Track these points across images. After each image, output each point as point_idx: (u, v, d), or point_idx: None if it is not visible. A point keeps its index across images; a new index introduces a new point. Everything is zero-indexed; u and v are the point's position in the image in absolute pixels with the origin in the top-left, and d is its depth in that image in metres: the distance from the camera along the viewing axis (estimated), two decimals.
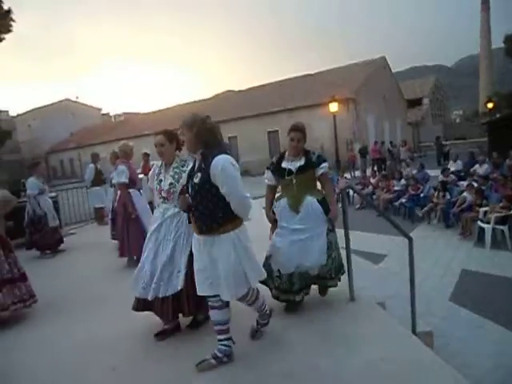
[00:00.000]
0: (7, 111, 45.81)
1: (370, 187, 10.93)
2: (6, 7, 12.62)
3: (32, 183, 5.77)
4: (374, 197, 10.67)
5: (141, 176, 10.88)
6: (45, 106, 40.37)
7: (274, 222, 3.17)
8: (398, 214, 9.48)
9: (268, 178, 3.22)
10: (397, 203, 9.63)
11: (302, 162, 3.03)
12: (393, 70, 29.09)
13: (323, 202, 3.07)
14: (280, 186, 3.19)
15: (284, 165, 3.10)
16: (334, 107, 15.69)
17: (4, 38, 12.87)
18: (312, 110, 21.69)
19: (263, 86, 29.72)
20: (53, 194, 7.32)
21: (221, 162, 2.25)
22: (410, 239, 3.46)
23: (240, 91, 31.75)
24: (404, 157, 16.23)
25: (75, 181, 16.54)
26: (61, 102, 40.87)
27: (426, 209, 8.73)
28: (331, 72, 26.28)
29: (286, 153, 3.16)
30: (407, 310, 3.34)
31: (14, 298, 3.45)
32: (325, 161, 3.10)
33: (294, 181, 3.04)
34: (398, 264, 5.94)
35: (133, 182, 4.98)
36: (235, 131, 25.95)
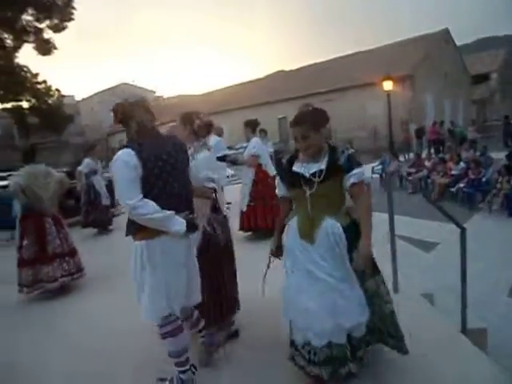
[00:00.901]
0: (73, 96, 48.76)
1: (425, 171, 10.30)
2: None
3: (86, 163, 6.19)
4: (429, 181, 10.06)
5: None
6: (105, 90, 42.41)
7: (276, 251, 2.35)
8: (456, 201, 8.87)
9: (278, 185, 2.31)
10: (454, 188, 9.00)
11: (322, 165, 2.03)
12: (458, 43, 26.79)
13: (351, 229, 2.03)
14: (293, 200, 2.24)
15: (296, 168, 2.11)
16: (388, 85, 14.84)
17: (66, 27, 13.57)
18: (365, 89, 20.73)
19: (314, 64, 28.83)
20: (108, 175, 7.76)
21: (114, 159, 1.92)
22: (463, 229, 3.22)
23: (291, 71, 31.05)
24: (472, 137, 14.91)
25: None
26: (118, 85, 42.71)
27: (488, 198, 8.04)
28: (387, 48, 24.77)
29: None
30: (459, 303, 3.14)
31: (62, 271, 3.74)
32: (359, 165, 2.06)
33: (309, 193, 2.03)
34: (452, 253, 5.58)
35: None
36: (284, 112, 25.60)
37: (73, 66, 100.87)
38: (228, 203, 7.72)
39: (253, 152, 4.97)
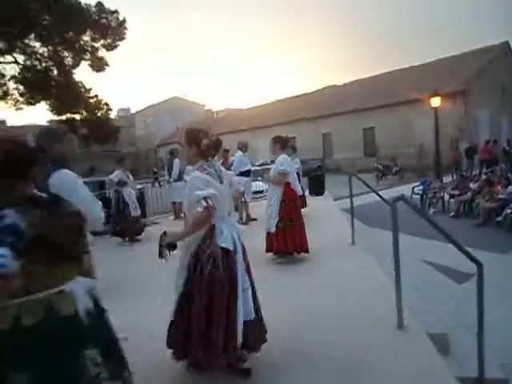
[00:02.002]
0: (129, 108, 51.88)
1: (470, 193, 9.60)
2: (121, 17, 14.19)
3: (116, 173, 6.50)
4: (474, 204, 9.36)
5: None
6: (157, 104, 44.58)
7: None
8: (502, 227, 8.15)
9: None
10: (501, 217, 8.25)
11: None
12: None
13: None
14: None
15: None
16: (435, 102, 14.13)
17: (118, 45, 14.50)
18: (414, 105, 19.91)
19: (364, 79, 28.24)
20: (140, 186, 8.12)
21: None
22: (480, 265, 2.92)
23: (340, 86, 30.65)
24: None
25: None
26: (170, 99, 44.69)
27: None
28: (440, 62, 23.72)
29: None
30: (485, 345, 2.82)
31: None
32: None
33: None
34: (487, 287, 5.11)
35: None
36: (330, 127, 25.31)
37: (130, 80, 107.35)
38: (253, 219, 7.73)
39: (281, 169, 4.78)
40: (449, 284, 5.59)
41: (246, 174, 7.89)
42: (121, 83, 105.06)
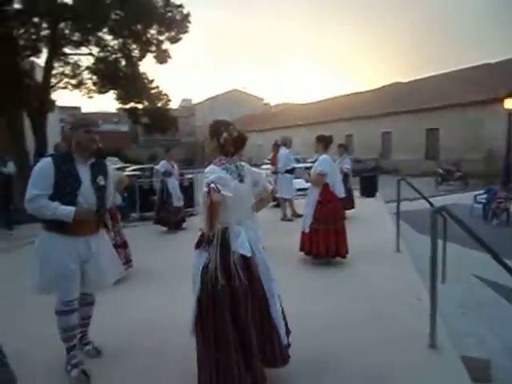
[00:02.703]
0: (191, 99, 53.72)
1: None
2: (185, 11, 14.63)
3: (162, 164, 6.75)
4: None
5: (267, 166, 11.34)
6: (217, 96, 45.61)
7: None
8: None
9: None
10: None
11: None
12: None
13: None
14: None
15: None
16: (509, 104, 12.90)
17: (182, 38, 14.99)
18: (484, 106, 18.40)
19: (431, 77, 26.46)
20: (189, 176, 8.40)
21: None
22: None
23: (405, 83, 29.07)
24: None
25: None
26: (230, 91, 45.48)
27: None
28: None
29: None
30: None
31: (124, 259, 4.16)
32: None
33: None
34: None
35: None
36: (390, 126, 24.21)
37: (194, 72, 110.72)
38: (299, 215, 7.64)
39: (319, 170, 4.71)
40: (500, 303, 5.12)
41: (291, 171, 7.82)
42: (185, 75, 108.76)
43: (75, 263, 2.51)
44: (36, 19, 12.93)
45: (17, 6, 12.54)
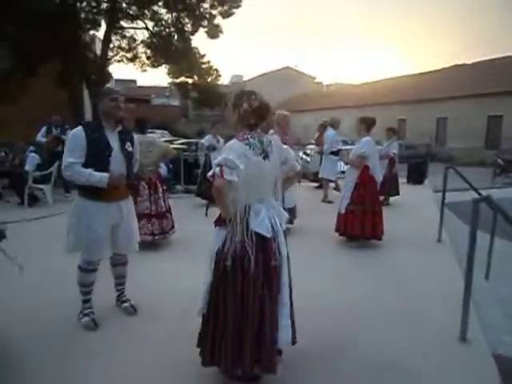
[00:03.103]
0: (242, 76, 53.54)
1: None
2: None
3: (207, 137, 6.88)
4: None
5: (311, 146, 11.17)
6: (269, 73, 45.07)
7: None
8: None
9: None
10: None
11: None
12: None
13: None
14: None
15: None
16: None
17: (234, 13, 14.88)
18: None
19: (498, 59, 24.27)
20: None
21: None
22: None
23: (468, 65, 26.90)
24: None
25: None
26: (282, 69, 44.72)
27: None
28: None
29: None
30: None
31: (146, 230, 4.36)
32: None
33: None
34: None
35: None
36: (447, 112, 22.72)
37: (246, 48, 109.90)
38: (330, 202, 7.54)
39: (360, 152, 4.67)
40: None
41: (336, 153, 7.68)
42: (236, 51, 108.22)
43: (105, 228, 2.70)
44: None
45: None
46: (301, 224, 5.84)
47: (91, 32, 14.91)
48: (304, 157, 11.23)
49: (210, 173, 2.01)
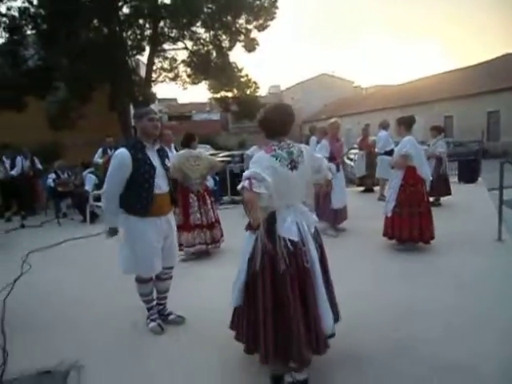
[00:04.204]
0: (279, 85, 53.99)
1: None
2: None
3: (252, 149, 7.06)
4: None
5: (355, 151, 11.06)
6: (306, 81, 45.09)
7: None
8: None
9: None
10: None
11: None
12: None
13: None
14: None
15: None
16: None
17: (269, 25, 15.19)
18: None
19: None
20: None
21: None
22: None
23: None
24: None
25: None
26: (319, 76, 44.60)
27: None
28: None
29: None
30: None
31: (200, 239, 4.57)
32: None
33: None
34: None
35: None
36: (498, 104, 21.46)
37: (282, 58, 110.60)
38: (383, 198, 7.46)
39: (403, 152, 4.57)
40: None
41: (391, 153, 7.63)
42: (273, 61, 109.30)
43: (159, 242, 2.84)
44: (140, 21, 14.29)
45: (126, 10, 14.03)
46: (350, 227, 5.83)
47: (136, 56, 15.85)
48: (348, 162, 11.13)
49: (239, 186, 2.07)
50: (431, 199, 5.89)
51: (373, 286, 3.67)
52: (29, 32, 13.43)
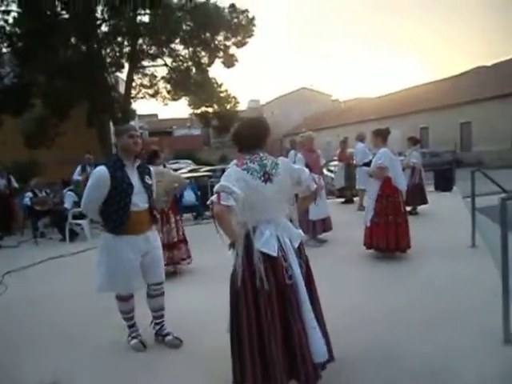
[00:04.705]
0: (258, 100, 54.63)
1: None
2: (250, 16, 15.11)
3: (232, 163, 7.14)
4: None
5: (334, 163, 11.29)
6: (285, 95, 45.86)
7: None
8: None
9: None
10: None
11: None
12: None
13: None
14: None
15: None
16: None
17: (248, 42, 15.50)
18: None
19: None
20: None
21: None
22: None
23: (488, 67, 26.34)
24: None
25: None
26: (298, 90, 45.44)
27: None
28: None
29: None
30: None
31: (167, 259, 4.25)
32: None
33: None
34: None
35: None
36: (470, 116, 22.34)
37: (261, 73, 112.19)
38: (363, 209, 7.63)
39: (379, 163, 4.73)
40: None
41: (369, 164, 7.83)
42: (252, 76, 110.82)
43: (136, 260, 2.78)
44: (119, 38, 14.35)
45: (104, 29, 14.09)
46: (331, 237, 5.92)
47: (116, 73, 15.85)
48: (328, 173, 11.33)
49: (208, 201, 2.06)
50: (408, 208, 6.06)
51: (354, 295, 3.73)
52: (4, 50, 13.29)
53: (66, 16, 12.79)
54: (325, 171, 11.76)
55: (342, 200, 9.51)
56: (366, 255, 4.99)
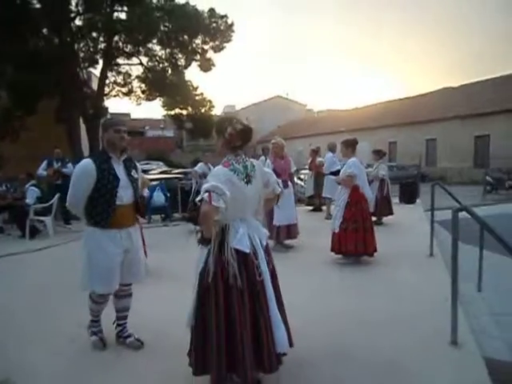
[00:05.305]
0: (234, 106, 54.80)
1: None
2: (229, 21, 15.21)
3: (199, 165, 7.14)
4: None
5: (306, 171, 11.51)
6: (260, 102, 46.22)
7: None
8: None
9: None
10: None
11: None
12: None
13: None
14: None
15: None
16: None
17: (225, 47, 15.57)
18: None
19: (485, 81, 24.90)
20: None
21: None
22: None
23: (455, 88, 27.60)
24: None
25: None
26: (273, 98, 45.92)
27: None
28: None
29: None
30: None
31: None
32: None
33: None
34: None
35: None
36: (435, 133, 23.39)
37: (238, 79, 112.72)
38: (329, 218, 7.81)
39: (348, 172, 4.93)
40: None
41: (337, 173, 8.02)
42: (228, 81, 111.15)
43: (119, 256, 2.69)
44: (94, 34, 14.03)
45: (78, 22, 13.73)
46: (298, 244, 6.02)
47: (89, 69, 15.47)
48: (298, 182, 11.51)
49: (198, 198, 2.08)
50: (374, 218, 6.28)
51: (319, 297, 3.84)
52: None
53: (38, 6, 12.39)
54: (295, 179, 12.02)
55: (311, 208, 9.69)
56: (331, 261, 5.13)
